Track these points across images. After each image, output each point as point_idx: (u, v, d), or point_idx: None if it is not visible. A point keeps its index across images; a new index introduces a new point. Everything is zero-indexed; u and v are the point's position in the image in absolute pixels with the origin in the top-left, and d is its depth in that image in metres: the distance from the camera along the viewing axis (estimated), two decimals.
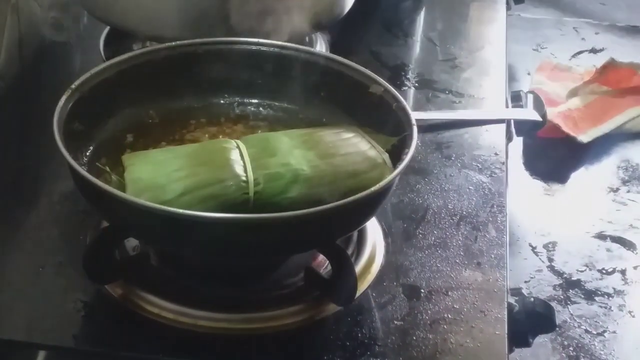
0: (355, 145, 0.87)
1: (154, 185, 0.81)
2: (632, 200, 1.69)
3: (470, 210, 0.98)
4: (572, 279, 1.51)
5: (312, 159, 0.84)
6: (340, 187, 0.82)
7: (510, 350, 0.84)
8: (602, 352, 1.38)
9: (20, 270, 0.88)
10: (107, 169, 0.86)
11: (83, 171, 0.78)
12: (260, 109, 0.97)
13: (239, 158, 0.83)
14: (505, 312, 0.86)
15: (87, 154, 0.88)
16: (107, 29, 1.21)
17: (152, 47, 0.98)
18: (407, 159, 0.82)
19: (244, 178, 0.81)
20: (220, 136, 0.92)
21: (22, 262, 0.89)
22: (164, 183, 0.81)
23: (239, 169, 0.82)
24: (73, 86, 0.87)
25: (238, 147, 0.85)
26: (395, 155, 0.85)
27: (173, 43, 0.95)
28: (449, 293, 0.87)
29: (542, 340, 1.37)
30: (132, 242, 0.88)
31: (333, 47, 1.23)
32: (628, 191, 1.71)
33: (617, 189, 1.72)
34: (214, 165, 0.83)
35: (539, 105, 1.25)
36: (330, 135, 0.88)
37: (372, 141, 0.88)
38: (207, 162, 0.83)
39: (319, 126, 0.92)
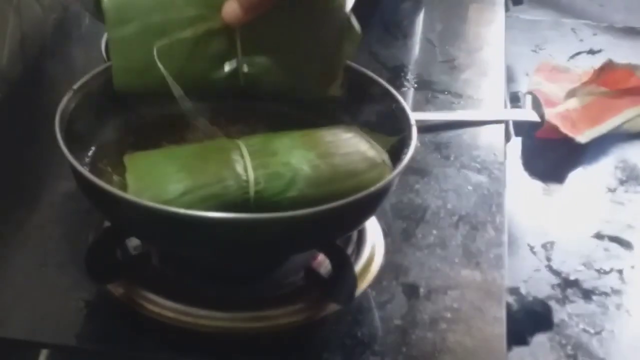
0: (354, 145, 0.87)
1: (155, 185, 0.81)
2: (630, 200, 1.69)
3: (469, 210, 0.99)
4: (570, 278, 1.51)
5: (312, 158, 0.84)
6: (340, 187, 0.82)
7: (509, 349, 0.85)
8: (599, 351, 1.38)
9: (22, 270, 0.89)
10: (109, 169, 0.86)
11: (85, 172, 0.79)
12: (260, 109, 0.98)
13: (239, 158, 0.83)
14: (504, 311, 0.86)
15: (89, 154, 0.88)
16: None
17: None
18: (406, 159, 0.82)
19: (244, 177, 0.81)
20: (221, 136, 0.93)
21: (24, 261, 0.89)
22: (165, 183, 0.81)
23: (239, 169, 0.82)
24: (75, 87, 0.87)
25: (238, 146, 0.85)
26: (395, 155, 0.85)
27: None
28: (448, 292, 0.88)
29: (540, 339, 1.37)
30: (133, 242, 0.89)
31: None
32: (626, 191, 1.71)
33: (615, 189, 1.72)
34: (215, 165, 0.83)
35: (537, 106, 1.25)
36: (330, 135, 0.89)
37: (372, 141, 0.88)
38: (208, 162, 0.83)
39: (318, 126, 0.92)
